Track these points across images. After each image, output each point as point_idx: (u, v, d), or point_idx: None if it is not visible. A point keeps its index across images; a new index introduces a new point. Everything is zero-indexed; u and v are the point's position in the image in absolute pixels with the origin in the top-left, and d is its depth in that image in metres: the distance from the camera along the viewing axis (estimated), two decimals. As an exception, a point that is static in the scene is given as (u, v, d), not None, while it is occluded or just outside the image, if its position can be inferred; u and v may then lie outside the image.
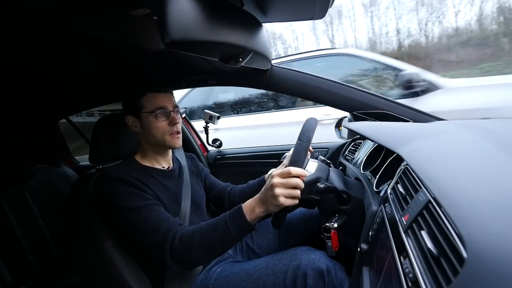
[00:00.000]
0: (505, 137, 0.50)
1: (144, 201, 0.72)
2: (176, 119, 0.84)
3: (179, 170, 0.93)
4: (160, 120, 0.82)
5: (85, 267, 0.84)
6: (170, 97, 0.86)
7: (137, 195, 0.73)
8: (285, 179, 0.63)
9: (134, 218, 0.70)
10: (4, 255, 1.21)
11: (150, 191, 0.76)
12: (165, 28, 0.48)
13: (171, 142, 0.84)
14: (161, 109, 0.82)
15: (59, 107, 1.65)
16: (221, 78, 1.24)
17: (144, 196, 0.73)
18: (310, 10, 0.69)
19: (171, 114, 0.84)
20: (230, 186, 1.07)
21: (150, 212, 0.71)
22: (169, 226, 0.69)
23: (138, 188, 0.74)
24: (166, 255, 0.67)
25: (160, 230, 0.68)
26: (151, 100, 0.82)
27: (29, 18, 0.66)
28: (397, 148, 0.54)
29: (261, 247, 0.95)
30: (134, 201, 0.71)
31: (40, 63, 0.99)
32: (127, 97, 0.86)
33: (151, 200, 0.74)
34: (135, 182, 0.74)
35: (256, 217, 0.66)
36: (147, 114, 0.81)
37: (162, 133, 0.82)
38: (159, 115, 0.81)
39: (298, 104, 2.61)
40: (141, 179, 0.76)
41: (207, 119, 1.63)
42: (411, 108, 1.00)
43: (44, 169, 1.56)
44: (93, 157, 0.89)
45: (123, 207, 0.71)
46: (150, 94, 0.82)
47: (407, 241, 0.35)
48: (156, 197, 0.77)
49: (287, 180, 0.62)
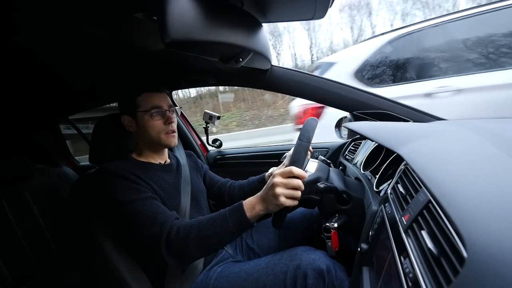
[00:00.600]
0: (505, 137, 0.50)
1: (139, 194, 0.73)
2: (171, 118, 0.85)
3: (177, 166, 0.94)
4: (155, 119, 0.83)
5: (85, 267, 0.84)
6: (165, 97, 0.87)
7: (132, 188, 0.73)
8: (286, 180, 0.63)
9: (130, 211, 0.70)
10: (4, 255, 1.21)
11: (145, 185, 0.76)
12: (165, 28, 0.48)
13: (167, 140, 0.85)
14: (157, 108, 0.83)
15: (60, 108, 1.65)
16: (221, 78, 1.24)
17: (139, 189, 0.74)
18: (310, 10, 0.69)
19: (166, 113, 0.85)
20: (230, 182, 1.07)
21: (146, 205, 0.71)
22: (165, 219, 0.69)
23: (133, 182, 0.74)
24: (162, 248, 0.67)
25: (156, 223, 0.68)
26: (147, 99, 0.83)
27: (30, 19, 0.66)
28: (397, 148, 0.54)
29: (261, 247, 0.95)
30: (130, 194, 0.72)
31: (40, 64, 0.99)
32: (123, 97, 0.87)
33: (146, 193, 0.74)
34: (130, 176, 0.75)
35: (255, 214, 0.66)
36: (142, 113, 0.82)
37: (158, 131, 0.84)
38: (154, 114, 0.82)
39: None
40: (136, 173, 0.77)
41: (207, 119, 1.63)
42: (411, 108, 1.00)
43: (44, 169, 1.55)
44: (93, 157, 0.89)
45: (118, 200, 0.71)
46: (146, 94, 0.83)
47: (407, 241, 0.35)
48: (153, 190, 0.78)
49: (288, 180, 0.63)
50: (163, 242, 0.67)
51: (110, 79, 1.28)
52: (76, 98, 1.51)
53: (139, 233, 0.70)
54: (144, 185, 0.76)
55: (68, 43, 0.85)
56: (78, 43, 0.85)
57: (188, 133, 1.69)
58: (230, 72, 1.17)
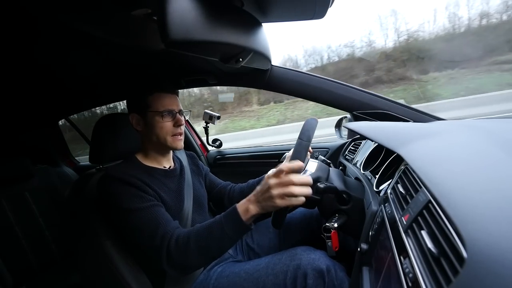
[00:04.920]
0: (505, 137, 0.50)
1: (144, 203, 0.72)
2: (180, 120, 0.84)
3: (180, 169, 0.93)
4: (166, 121, 0.82)
5: (85, 267, 0.84)
6: (176, 98, 0.86)
7: (138, 196, 0.72)
8: (279, 179, 0.62)
9: (133, 220, 0.70)
10: (4, 255, 1.21)
11: (152, 192, 0.76)
12: (165, 28, 0.48)
13: (173, 143, 0.84)
14: (169, 110, 0.82)
15: (59, 107, 1.65)
16: (221, 78, 1.24)
17: (145, 197, 0.73)
18: (310, 10, 0.69)
19: (177, 115, 0.84)
20: (230, 185, 1.07)
21: (149, 215, 0.70)
22: (166, 230, 0.69)
23: (140, 189, 0.74)
24: (163, 261, 0.67)
25: (157, 235, 0.68)
26: (159, 100, 0.82)
27: (30, 19, 0.66)
28: (397, 148, 0.54)
29: (261, 247, 0.95)
30: (135, 202, 0.71)
31: (41, 64, 0.99)
32: (133, 95, 0.86)
33: (151, 202, 0.74)
34: (137, 183, 0.74)
35: (251, 216, 0.65)
36: (153, 113, 0.82)
37: (165, 133, 0.83)
38: (165, 115, 0.82)
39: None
40: (143, 179, 0.76)
41: (207, 119, 1.63)
42: (411, 108, 1.00)
43: (44, 169, 1.55)
44: (93, 157, 0.89)
45: (123, 208, 0.71)
46: (157, 94, 0.83)
47: (407, 241, 0.35)
48: (159, 197, 0.77)
49: (281, 179, 0.62)
50: (164, 255, 0.67)
51: (110, 79, 1.28)
52: (76, 97, 1.51)
53: (142, 243, 0.70)
54: (150, 192, 0.75)
55: (68, 43, 0.85)
56: (78, 43, 0.85)
57: (188, 133, 1.69)
58: (230, 72, 1.17)
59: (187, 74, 1.25)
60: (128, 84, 1.30)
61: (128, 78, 1.25)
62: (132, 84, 0.93)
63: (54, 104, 1.56)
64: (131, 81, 1.26)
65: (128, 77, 1.24)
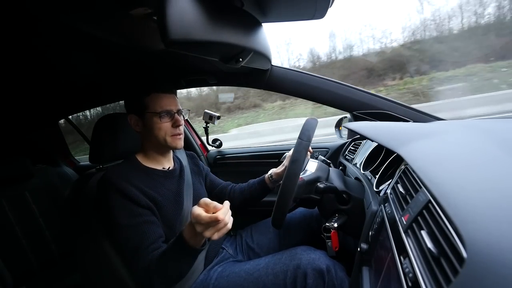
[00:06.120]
0: (505, 137, 0.50)
1: (134, 219, 0.71)
2: (179, 121, 0.84)
3: (180, 170, 0.93)
4: (164, 121, 0.81)
5: (85, 267, 0.84)
6: (174, 98, 0.86)
7: (129, 210, 0.72)
8: (201, 223, 0.56)
9: (121, 233, 0.71)
10: (4, 255, 1.21)
11: (145, 201, 0.75)
12: (165, 28, 0.48)
13: (173, 143, 0.84)
14: (166, 111, 0.81)
15: (59, 107, 1.65)
16: (221, 78, 1.24)
17: (135, 211, 0.72)
18: (310, 10, 0.69)
19: (175, 116, 0.84)
20: (230, 185, 1.07)
21: (134, 234, 0.70)
22: (144, 254, 0.68)
23: (134, 202, 0.73)
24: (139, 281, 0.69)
25: (136, 255, 0.69)
26: (156, 100, 0.81)
27: (30, 19, 0.66)
28: (397, 148, 0.54)
29: (261, 246, 0.95)
30: (125, 217, 0.71)
31: (41, 64, 0.99)
32: (130, 96, 0.86)
33: (141, 218, 0.72)
34: (131, 192, 0.73)
35: (199, 242, 0.62)
36: (151, 114, 0.81)
37: (165, 133, 0.82)
38: (163, 116, 0.81)
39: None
40: (140, 185, 0.75)
41: (207, 119, 1.63)
42: (411, 108, 1.00)
43: (44, 169, 1.55)
44: (93, 157, 0.89)
45: (113, 221, 0.71)
46: (155, 95, 0.82)
47: (407, 241, 0.35)
48: (154, 203, 0.76)
49: (200, 224, 0.56)
50: (138, 277, 0.69)
51: (110, 79, 1.28)
52: (76, 97, 1.51)
53: (126, 254, 0.72)
54: (144, 202, 0.74)
55: (68, 43, 0.85)
56: (79, 42, 0.85)
57: (188, 133, 1.69)
58: (230, 72, 1.17)
59: (187, 74, 1.25)
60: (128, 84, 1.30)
61: (128, 78, 1.25)
62: (130, 85, 0.92)
63: (54, 104, 1.56)
64: (131, 81, 1.26)
65: (128, 77, 1.24)
